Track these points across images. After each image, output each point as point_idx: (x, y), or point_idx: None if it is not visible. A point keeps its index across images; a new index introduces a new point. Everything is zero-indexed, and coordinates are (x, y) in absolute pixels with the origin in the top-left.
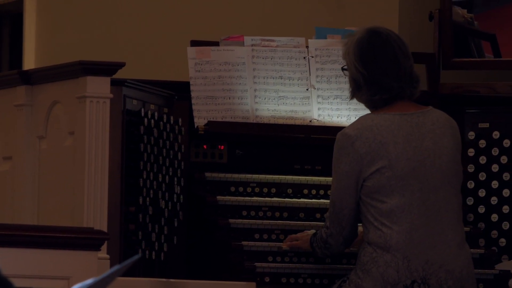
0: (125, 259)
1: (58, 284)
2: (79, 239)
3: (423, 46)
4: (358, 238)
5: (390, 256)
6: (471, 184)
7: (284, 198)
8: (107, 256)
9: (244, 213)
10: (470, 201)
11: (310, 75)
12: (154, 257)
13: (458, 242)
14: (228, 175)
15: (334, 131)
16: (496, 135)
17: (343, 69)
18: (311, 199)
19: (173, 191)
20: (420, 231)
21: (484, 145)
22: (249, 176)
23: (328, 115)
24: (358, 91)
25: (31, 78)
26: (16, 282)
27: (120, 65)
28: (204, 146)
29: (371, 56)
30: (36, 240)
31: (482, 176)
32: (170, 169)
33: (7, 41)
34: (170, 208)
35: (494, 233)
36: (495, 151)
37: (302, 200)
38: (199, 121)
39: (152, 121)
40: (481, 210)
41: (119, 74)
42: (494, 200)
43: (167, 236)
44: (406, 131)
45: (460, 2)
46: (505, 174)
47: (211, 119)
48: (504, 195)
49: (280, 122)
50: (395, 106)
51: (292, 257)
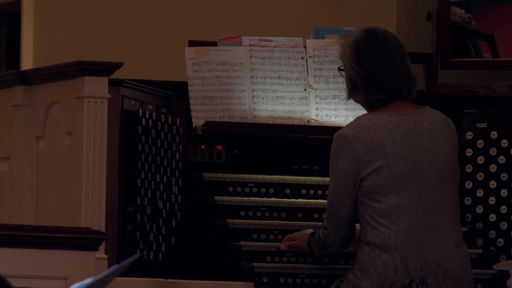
0: (123, 259)
1: (56, 284)
2: (77, 239)
3: (421, 46)
4: (356, 237)
5: (388, 256)
6: (469, 184)
7: (282, 198)
8: (105, 256)
9: (242, 213)
10: (468, 201)
11: (308, 75)
12: (152, 257)
13: (455, 242)
14: (226, 175)
15: (332, 131)
16: (494, 135)
17: (339, 69)
18: (309, 199)
19: (171, 191)
20: (418, 231)
21: (482, 145)
22: (247, 176)
23: (326, 115)
24: (355, 91)
25: (29, 78)
26: (14, 282)
27: (118, 65)
28: (202, 146)
29: (368, 56)
30: (34, 240)
31: (480, 176)
32: (168, 169)
33: (5, 41)
34: (168, 208)
35: (492, 233)
36: (493, 151)
37: (300, 200)
38: (197, 121)
39: (150, 121)
40: (479, 210)
41: (117, 74)
42: (492, 200)
43: (165, 236)
44: (403, 131)
45: (458, 2)
46: (503, 174)
47: (209, 119)
48: (502, 195)
49: (278, 122)
50: (392, 106)
51: (290, 257)
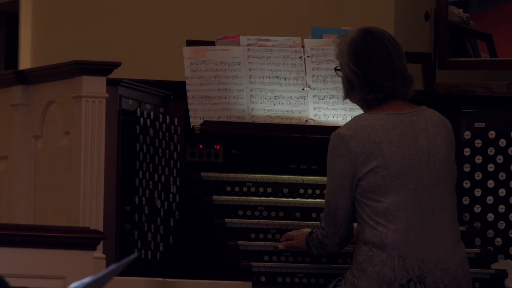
0: (121, 258)
1: (54, 283)
2: (75, 239)
3: (419, 45)
4: (353, 237)
5: (386, 255)
6: (467, 184)
7: (280, 198)
8: (103, 255)
9: (240, 212)
10: (466, 200)
11: (306, 74)
12: (150, 256)
13: (453, 241)
14: (224, 175)
15: (330, 130)
16: (492, 134)
17: (336, 69)
18: (307, 198)
19: (169, 191)
20: (416, 230)
21: (480, 144)
22: (245, 175)
23: (324, 114)
24: (352, 91)
25: (27, 78)
26: (12, 282)
27: (116, 64)
28: (200, 146)
29: (365, 55)
30: (32, 239)
31: (478, 176)
32: (166, 168)
33: (3, 40)
34: (166, 207)
35: (490, 232)
36: (491, 151)
37: (298, 199)
38: (195, 120)
39: (148, 120)
40: (477, 209)
41: (115, 74)
42: (490, 199)
43: (163, 236)
44: (400, 130)
45: (456, 1)
46: (501, 174)
47: (207, 119)
48: (500, 194)
49: (276, 121)
50: (389, 105)
51: (288, 256)
